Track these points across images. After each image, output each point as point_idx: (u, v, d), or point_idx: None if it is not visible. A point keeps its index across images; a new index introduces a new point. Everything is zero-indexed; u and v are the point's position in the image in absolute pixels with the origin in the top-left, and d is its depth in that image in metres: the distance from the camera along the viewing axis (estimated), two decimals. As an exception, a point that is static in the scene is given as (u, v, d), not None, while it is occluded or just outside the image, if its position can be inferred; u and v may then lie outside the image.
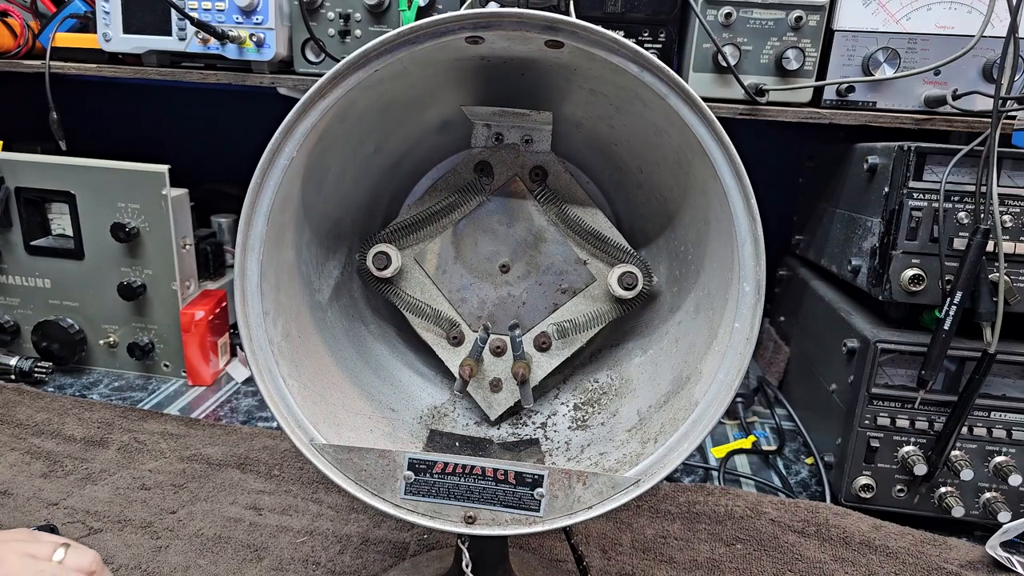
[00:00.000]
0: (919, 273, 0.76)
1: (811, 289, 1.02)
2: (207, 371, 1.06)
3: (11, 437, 0.87)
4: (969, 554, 0.74)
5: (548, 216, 0.62)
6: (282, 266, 0.54)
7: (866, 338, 0.79)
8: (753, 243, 0.48)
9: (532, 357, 0.64)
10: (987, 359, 0.72)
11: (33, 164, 1.00)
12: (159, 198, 0.98)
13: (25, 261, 1.04)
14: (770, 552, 0.74)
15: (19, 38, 1.08)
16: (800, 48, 0.89)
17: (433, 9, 0.95)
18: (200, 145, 1.47)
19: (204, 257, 1.13)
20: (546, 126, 0.61)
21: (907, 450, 0.79)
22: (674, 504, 0.80)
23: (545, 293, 0.63)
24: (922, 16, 0.87)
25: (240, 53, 0.98)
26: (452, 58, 0.51)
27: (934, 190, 0.74)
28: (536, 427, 0.64)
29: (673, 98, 0.46)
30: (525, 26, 0.45)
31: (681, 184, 0.56)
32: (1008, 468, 0.76)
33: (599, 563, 0.71)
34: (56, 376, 1.06)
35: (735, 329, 0.49)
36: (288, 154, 0.48)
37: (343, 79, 0.47)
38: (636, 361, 0.63)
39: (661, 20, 0.92)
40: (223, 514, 0.76)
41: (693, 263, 0.58)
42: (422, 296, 0.63)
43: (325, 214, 0.59)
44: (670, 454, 0.51)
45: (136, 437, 0.89)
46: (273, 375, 0.52)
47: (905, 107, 0.90)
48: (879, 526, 0.77)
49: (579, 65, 0.50)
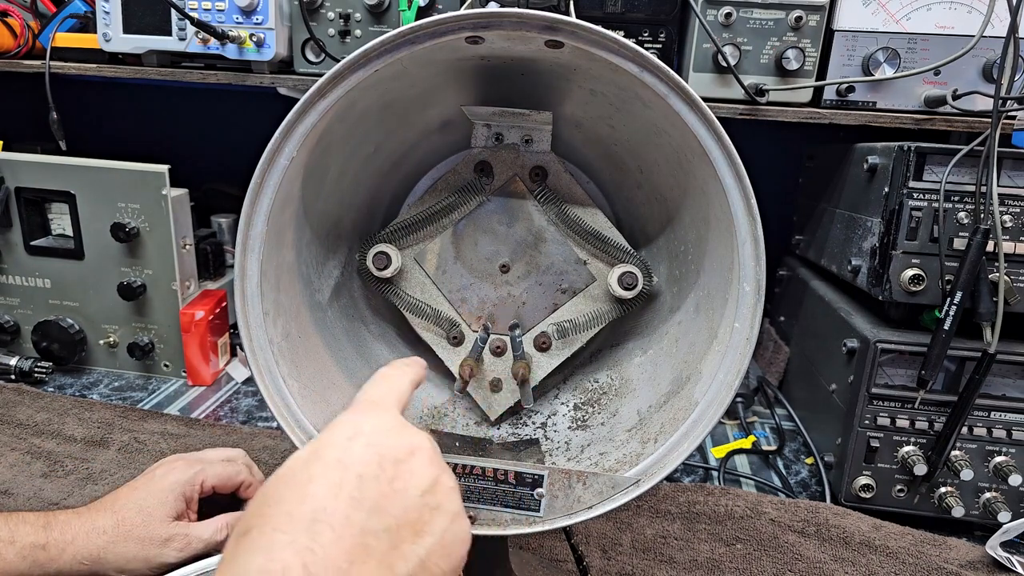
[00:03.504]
0: (919, 273, 0.76)
1: (811, 289, 1.02)
2: (207, 371, 1.06)
3: (11, 437, 0.87)
4: (969, 554, 0.74)
5: (548, 216, 0.62)
6: (282, 266, 0.54)
7: (866, 338, 0.79)
8: (753, 243, 0.48)
9: (532, 357, 0.64)
10: (987, 359, 0.72)
11: (33, 164, 1.00)
12: (159, 198, 0.98)
13: (25, 261, 1.04)
14: (770, 552, 0.74)
15: (19, 38, 1.08)
16: (800, 48, 0.89)
17: (433, 9, 0.95)
18: (200, 145, 1.47)
19: (204, 257, 1.13)
20: (546, 126, 0.61)
21: (907, 450, 0.79)
22: (674, 504, 0.80)
23: (545, 293, 0.63)
24: (922, 16, 0.87)
25: (240, 53, 0.98)
26: (452, 58, 0.51)
27: (934, 190, 0.74)
28: (536, 427, 0.64)
29: (673, 98, 0.46)
30: (525, 26, 0.45)
31: (681, 184, 0.56)
32: (1008, 468, 0.76)
33: (599, 563, 0.71)
34: (56, 376, 1.06)
35: (735, 329, 0.49)
36: (288, 154, 0.48)
37: (343, 79, 0.47)
38: (636, 361, 0.63)
39: (661, 20, 0.92)
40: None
41: (693, 263, 0.58)
42: (422, 296, 0.63)
43: (325, 214, 0.59)
44: (670, 454, 0.51)
45: (136, 437, 0.89)
46: (273, 375, 0.52)
47: (905, 107, 0.90)
48: (879, 526, 0.77)
49: (579, 65, 0.50)
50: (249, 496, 0.72)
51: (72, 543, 0.59)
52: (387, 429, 0.36)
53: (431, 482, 0.35)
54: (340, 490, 0.32)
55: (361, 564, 0.30)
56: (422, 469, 0.35)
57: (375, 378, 0.42)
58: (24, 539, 0.58)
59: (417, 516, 0.33)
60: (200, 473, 0.67)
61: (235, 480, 0.70)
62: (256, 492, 0.34)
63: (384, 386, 0.41)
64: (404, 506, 0.33)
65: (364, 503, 0.32)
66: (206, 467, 0.68)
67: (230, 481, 0.69)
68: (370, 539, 0.31)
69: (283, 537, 0.30)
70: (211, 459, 0.70)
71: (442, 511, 0.35)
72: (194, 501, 0.67)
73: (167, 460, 0.69)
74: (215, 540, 0.65)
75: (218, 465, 0.69)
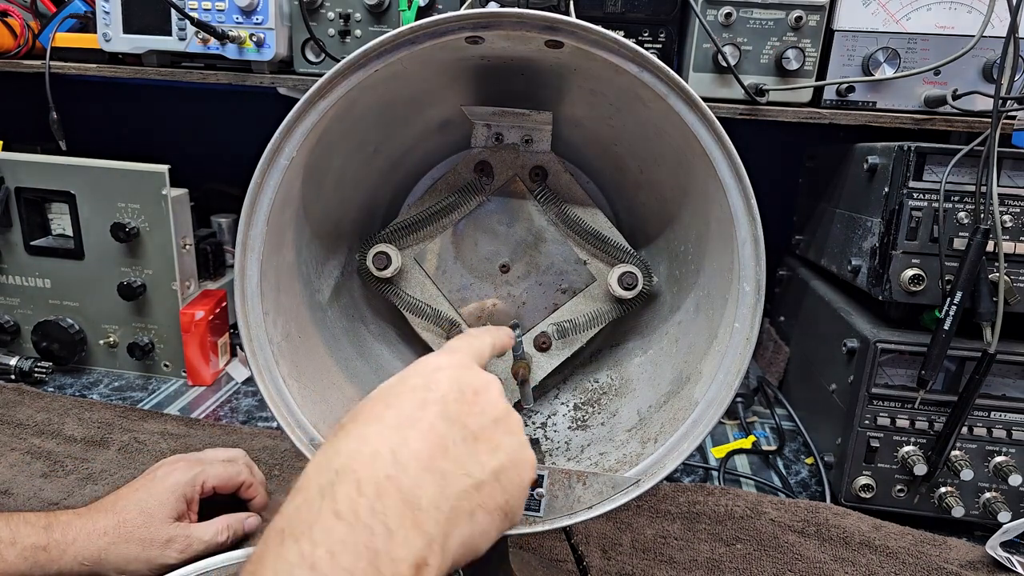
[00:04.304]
0: (919, 273, 0.76)
1: (811, 289, 1.02)
2: (207, 371, 1.06)
3: (11, 437, 0.87)
4: (969, 554, 0.74)
5: (548, 216, 0.62)
6: (282, 266, 0.54)
7: (866, 338, 0.79)
8: (753, 243, 0.48)
9: (532, 357, 0.64)
10: (987, 359, 0.72)
11: (33, 164, 1.00)
12: (159, 198, 0.98)
13: (25, 261, 1.04)
14: (770, 552, 0.74)
15: (19, 38, 1.08)
16: (800, 48, 0.89)
17: (433, 9, 0.95)
18: (200, 145, 1.47)
19: (204, 257, 1.13)
20: (546, 126, 0.61)
21: (907, 450, 0.79)
22: (674, 504, 0.80)
23: (545, 293, 0.63)
24: (922, 16, 0.87)
25: (240, 53, 0.98)
26: (452, 58, 0.51)
27: (934, 190, 0.74)
28: (536, 427, 0.64)
29: (673, 98, 0.46)
30: (525, 26, 0.45)
31: (681, 184, 0.56)
32: (1008, 468, 0.76)
33: (599, 563, 0.71)
34: (56, 376, 1.06)
35: (735, 329, 0.49)
36: (288, 154, 0.48)
37: (343, 79, 0.47)
38: (636, 361, 0.63)
39: (661, 20, 0.92)
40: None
41: (693, 263, 0.58)
42: (422, 296, 0.63)
43: (325, 214, 0.59)
44: (670, 454, 0.51)
45: (136, 437, 0.89)
46: (273, 375, 0.52)
47: (905, 107, 0.90)
48: (879, 526, 0.77)
49: (579, 65, 0.50)
50: (250, 496, 0.72)
51: (73, 544, 0.59)
52: (466, 367, 0.40)
53: (504, 411, 0.39)
54: (426, 405, 0.36)
55: (441, 459, 0.34)
56: (497, 400, 0.39)
57: (459, 335, 0.48)
58: (25, 540, 0.58)
59: (492, 435, 0.37)
60: (201, 474, 0.67)
61: (236, 480, 0.70)
62: (348, 411, 0.38)
63: (465, 340, 0.46)
64: (481, 424, 0.37)
65: (447, 417, 0.36)
66: (207, 468, 0.68)
67: (231, 481, 0.69)
68: (450, 443, 0.35)
69: (374, 428, 0.34)
70: (212, 459, 0.70)
71: (513, 436, 0.39)
72: (195, 502, 0.67)
73: (168, 461, 0.69)
74: (216, 541, 0.65)
75: (219, 465, 0.69)
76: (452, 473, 0.34)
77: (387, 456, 0.32)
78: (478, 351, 0.45)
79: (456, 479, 0.34)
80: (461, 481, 0.34)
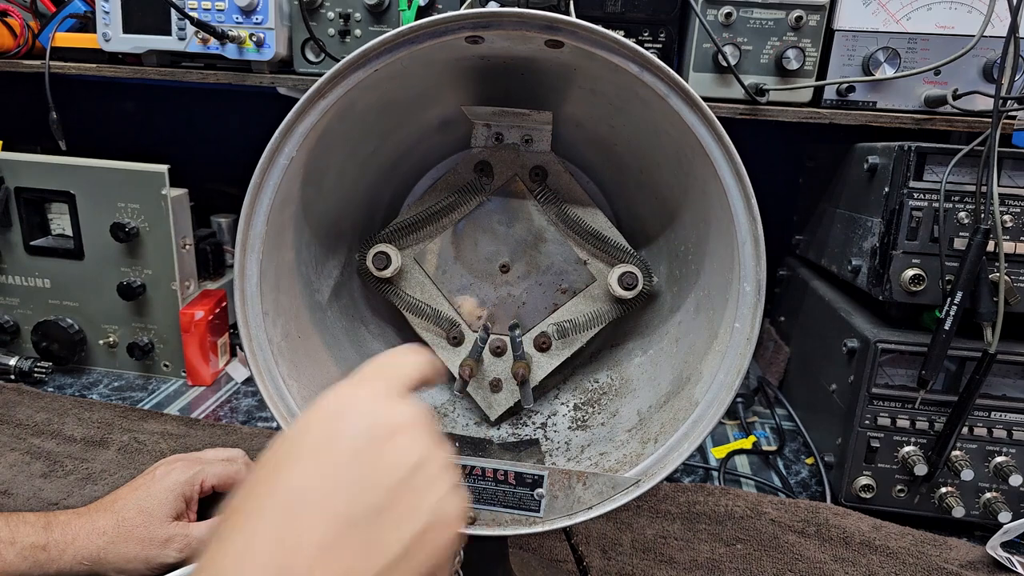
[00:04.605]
0: (919, 273, 0.76)
1: (811, 289, 1.02)
2: (207, 371, 1.06)
3: (11, 437, 0.87)
4: (969, 554, 0.74)
5: (548, 216, 0.62)
6: (282, 266, 0.54)
7: (866, 338, 0.79)
8: (753, 243, 0.47)
9: (532, 357, 0.63)
10: (987, 359, 0.72)
11: (33, 164, 1.00)
12: (159, 198, 0.98)
13: (25, 261, 1.04)
14: (770, 552, 0.74)
15: (19, 38, 1.08)
16: (800, 48, 0.89)
17: (433, 9, 0.95)
18: (200, 145, 1.47)
19: (204, 257, 1.13)
20: (546, 126, 0.61)
21: (907, 450, 0.79)
22: (674, 504, 0.80)
23: (545, 293, 0.63)
24: (922, 16, 0.87)
25: (240, 53, 0.98)
26: (452, 58, 0.51)
27: (934, 190, 0.74)
28: (536, 427, 0.64)
29: (673, 98, 0.46)
30: (525, 26, 0.45)
31: (681, 184, 0.56)
32: (1008, 468, 0.76)
33: (599, 563, 0.71)
34: (56, 376, 1.06)
35: (735, 329, 0.49)
36: (288, 154, 0.48)
37: (343, 79, 0.47)
38: (636, 361, 0.63)
39: (661, 20, 0.92)
40: (223, 514, 0.76)
41: (693, 263, 0.58)
42: (422, 296, 0.63)
43: (325, 214, 0.59)
44: (670, 454, 0.51)
45: (136, 437, 0.89)
46: (273, 375, 0.52)
47: (905, 107, 0.90)
48: (879, 526, 0.77)
49: (579, 65, 0.50)
50: None
51: (72, 543, 0.60)
52: (378, 400, 0.35)
53: (422, 456, 0.33)
54: (324, 471, 0.31)
55: (341, 548, 0.29)
56: (414, 443, 0.33)
57: (377, 356, 0.40)
58: (25, 540, 0.58)
59: (408, 493, 0.32)
60: (200, 473, 0.67)
61: (235, 480, 0.70)
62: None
63: (382, 366, 0.39)
64: (396, 479, 0.32)
65: (349, 484, 0.31)
66: (206, 467, 0.68)
67: (230, 481, 0.69)
68: (353, 523, 0.30)
69: (262, 521, 0.30)
70: (211, 459, 0.70)
71: (434, 487, 0.33)
72: (194, 501, 0.67)
73: (167, 460, 0.69)
74: None
75: (218, 465, 0.69)
76: (359, 558, 0.30)
77: (272, 550, 0.29)
78: (399, 378, 0.37)
79: (365, 565, 0.30)
80: (374, 563, 0.30)
